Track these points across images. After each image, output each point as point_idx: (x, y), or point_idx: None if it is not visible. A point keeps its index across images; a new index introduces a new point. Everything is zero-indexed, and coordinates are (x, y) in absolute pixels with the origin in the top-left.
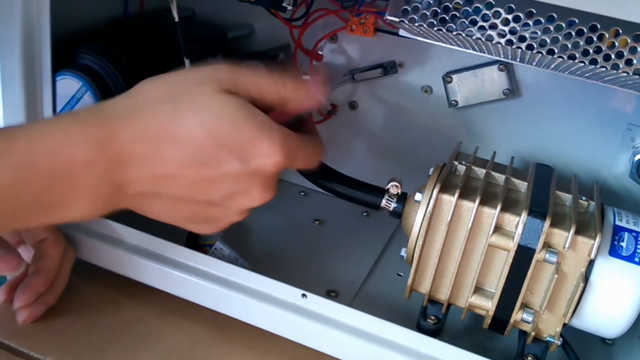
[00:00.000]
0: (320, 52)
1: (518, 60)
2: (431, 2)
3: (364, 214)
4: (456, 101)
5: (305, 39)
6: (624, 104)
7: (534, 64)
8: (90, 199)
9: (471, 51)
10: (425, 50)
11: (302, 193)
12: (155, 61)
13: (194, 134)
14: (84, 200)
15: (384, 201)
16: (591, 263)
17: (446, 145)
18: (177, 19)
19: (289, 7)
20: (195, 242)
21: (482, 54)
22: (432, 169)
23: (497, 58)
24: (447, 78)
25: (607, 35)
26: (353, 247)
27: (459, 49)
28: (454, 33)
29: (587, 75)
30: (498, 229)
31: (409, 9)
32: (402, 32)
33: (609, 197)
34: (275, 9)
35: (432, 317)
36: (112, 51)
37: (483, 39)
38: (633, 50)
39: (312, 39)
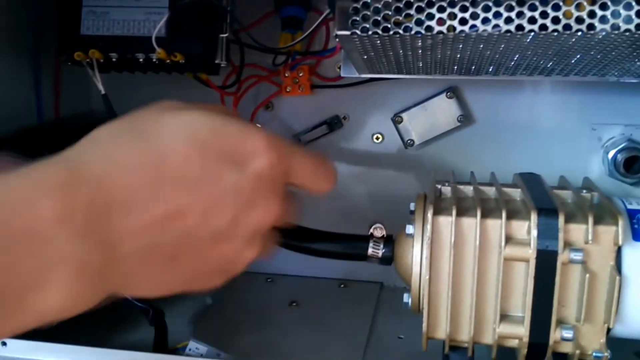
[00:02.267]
0: (258, 125)
1: (473, 69)
2: (379, 6)
3: (341, 285)
4: (412, 140)
5: (240, 110)
6: (583, 107)
7: (491, 68)
8: (72, 271)
9: (420, 76)
10: (367, 96)
11: (268, 280)
12: None
13: (178, 152)
14: (63, 275)
15: (370, 248)
16: (619, 254)
17: (413, 189)
18: (102, 92)
19: (223, 64)
20: (164, 346)
21: (432, 76)
22: (412, 204)
23: (448, 77)
24: (396, 119)
25: None
26: (340, 322)
27: (406, 76)
28: (413, 32)
29: (546, 68)
30: (509, 239)
31: (358, 18)
32: (343, 72)
33: None
34: (206, 72)
35: None
36: (32, 151)
37: (444, 31)
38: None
39: (249, 109)
